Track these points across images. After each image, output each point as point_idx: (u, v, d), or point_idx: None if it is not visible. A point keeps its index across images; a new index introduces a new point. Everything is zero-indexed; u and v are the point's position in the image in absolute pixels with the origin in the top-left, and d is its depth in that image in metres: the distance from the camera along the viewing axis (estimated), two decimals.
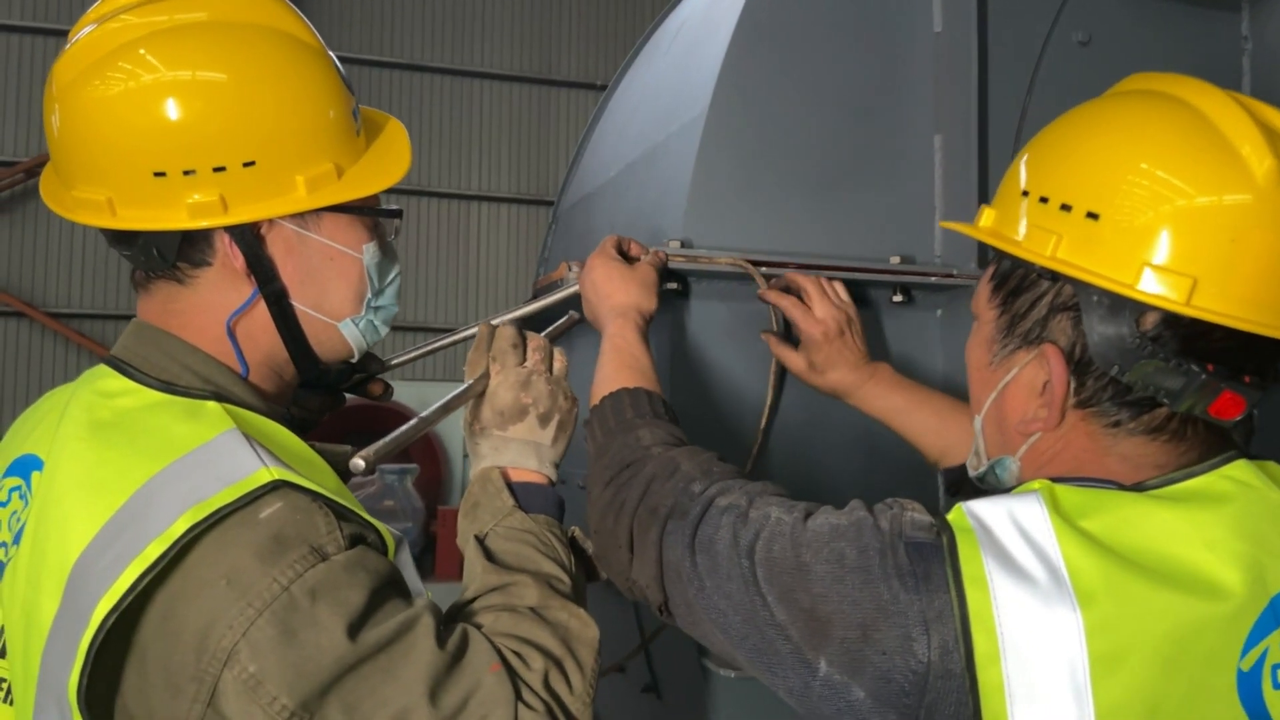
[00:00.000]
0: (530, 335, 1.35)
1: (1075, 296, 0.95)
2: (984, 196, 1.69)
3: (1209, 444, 0.97)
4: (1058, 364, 0.96)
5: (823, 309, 1.54)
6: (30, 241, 9.68)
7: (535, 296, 1.94)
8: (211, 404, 1.05)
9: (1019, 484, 1.01)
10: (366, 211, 1.20)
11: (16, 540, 1.05)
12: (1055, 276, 0.97)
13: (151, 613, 0.93)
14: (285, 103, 1.10)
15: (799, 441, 1.65)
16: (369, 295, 1.21)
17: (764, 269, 1.57)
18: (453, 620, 1.10)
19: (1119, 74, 1.82)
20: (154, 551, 0.92)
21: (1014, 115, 1.75)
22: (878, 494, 1.02)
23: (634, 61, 2.42)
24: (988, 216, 1.06)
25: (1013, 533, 0.89)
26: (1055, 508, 0.90)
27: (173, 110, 1.04)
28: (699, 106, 1.66)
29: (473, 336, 1.39)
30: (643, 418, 1.26)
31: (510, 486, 1.25)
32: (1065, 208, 0.96)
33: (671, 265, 1.54)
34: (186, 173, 1.06)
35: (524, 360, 1.32)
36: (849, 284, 1.62)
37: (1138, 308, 0.91)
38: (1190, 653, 0.85)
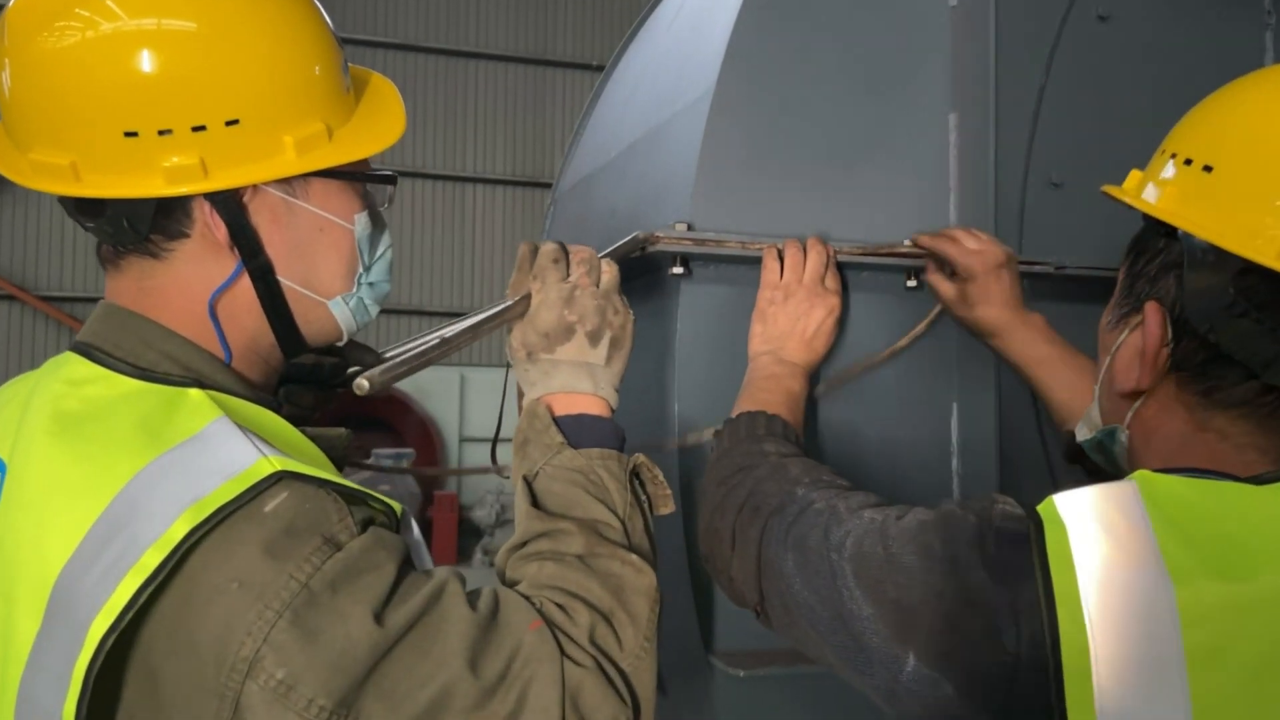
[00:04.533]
0: (575, 248, 1.23)
1: (1184, 253, 0.94)
2: (999, 176, 1.63)
3: None
4: (1154, 319, 0.96)
5: (978, 242, 1.50)
6: (20, 223, 9.59)
7: None
8: (194, 391, 0.97)
9: (1128, 458, 1.01)
10: (360, 177, 1.11)
11: None
12: (1171, 234, 0.96)
13: (155, 628, 0.86)
14: (272, 53, 1.00)
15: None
16: (360, 270, 1.13)
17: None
18: (502, 568, 1.07)
19: (1139, 50, 1.78)
20: (152, 560, 0.84)
21: (1032, 93, 1.69)
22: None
23: (633, 40, 2.35)
24: (1133, 178, 1.06)
25: (1104, 522, 0.85)
26: (1153, 497, 0.86)
27: (145, 61, 0.94)
28: (705, 84, 1.59)
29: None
30: (774, 437, 1.27)
31: (557, 421, 1.15)
32: (1188, 162, 0.96)
33: (678, 249, 1.48)
34: (162, 132, 0.96)
35: (567, 275, 1.20)
36: (857, 268, 1.57)
37: (1235, 263, 0.89)
38: None
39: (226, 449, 0.92)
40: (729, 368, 1.55)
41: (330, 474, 0.95)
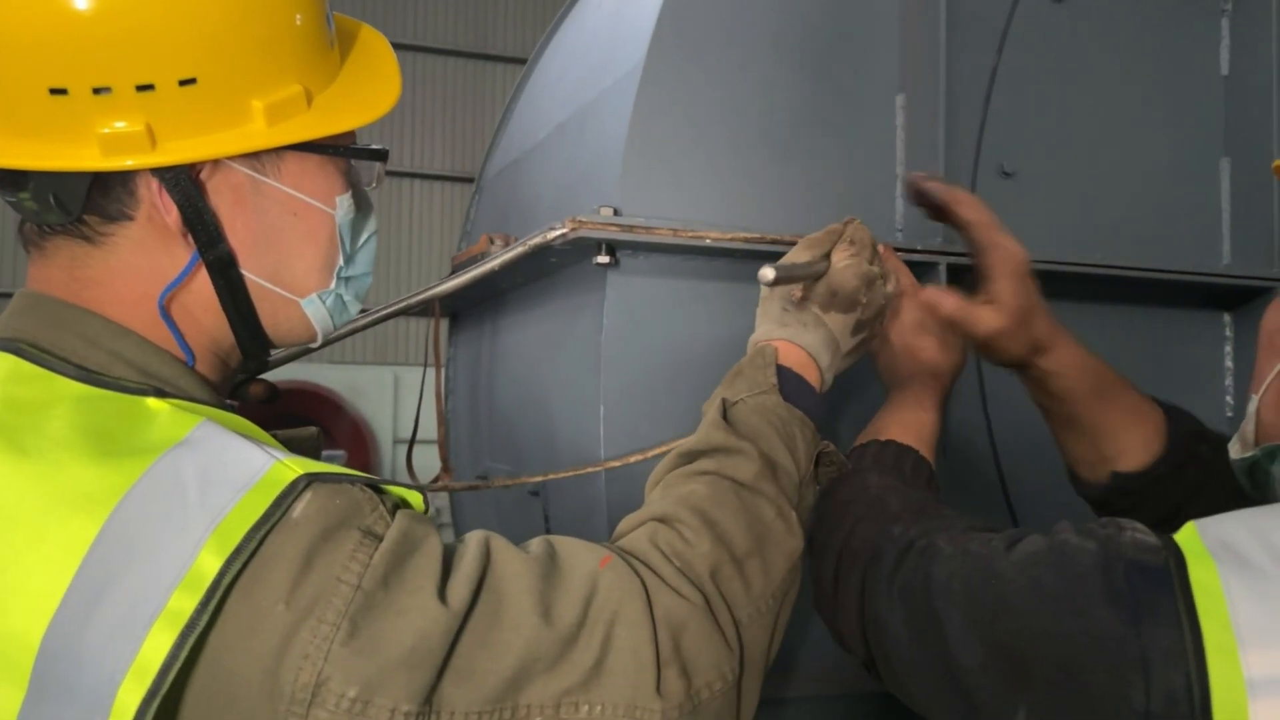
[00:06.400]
0: (892, 257, 1.27)
1: None
2: (948, 163, 1.52)
3: None
4: None
5: (1007, 238, 1.20)
6: None
7: (454, 272, 1.75)
8: (151, 400, 0.81)
9: None
10: (345, 152, 0.94)
11: None
12: None
13: (191, 679, 0.72)
14: None
15: None
16: (340, 262, 0.95)
17: (709, 241, 1.39)
18: (662, 474, 1.03)
19: (1094, 32, 1.69)
20: (184, 603, 0.70)
21: (983, 75, 1.59)
22: None
23: (564, 19, 2.22)
24: None
25: (1265, 556, 0.70)
26: None
27: None
28: (634, 59, 1.46)
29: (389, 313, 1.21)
30: (882, 468, 1.13)
31: (780, 368, 1.11)
32: None
33: (603, 236, 1.35)
34: (98, 91, 0.78)
35: (874, 263, 1.20)
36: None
37: None
38: None
39: (231, 454, 0.77)
40: (662, 369, 1.42)
41: (345, 470, 0.81)
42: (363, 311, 1.33)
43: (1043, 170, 1.63)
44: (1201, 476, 1.20)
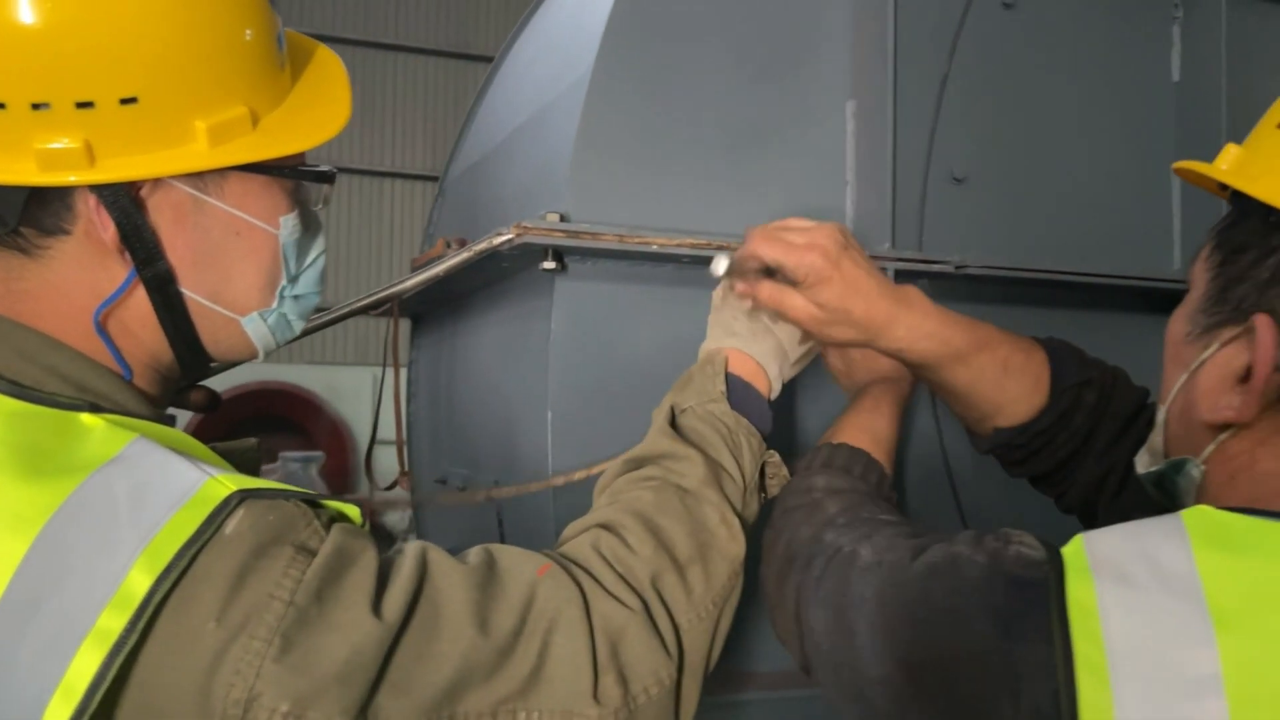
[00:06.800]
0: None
1: None
2: (899, 169, 1.53)
3: None
4: (1267, 337, 0.76)
5: (799, 235, 1.12)
6: None
7: (413, 273, 1.74)
8: (85, 416, 0.80)
9: (1198, 496, 0.83)
10: (290, 173, 0.94)
11: None
12: None
13: (120, 699, 0.71)
14: (185, 13, 0.81)
15: None
16: (283, 281, 0.96)
17: (656, 247, 1.39)
18: (608, 481, 1.04)
19: (1046, 38, 1.70)
20: (112, 623, 0.69)
21: (934, 82, 1.59)
22: None
23: (530, 19, 2.21)
24: (1229, 155, 0.86)
25: (1144, 571, 0.69)
26: (1208, 538, 0.69)
27: (15, 9, 0.75)
28: (584, 66, 1.47)
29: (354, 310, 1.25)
30: (831, 471, 1.11)
31: (728, 377, 1.13)
32: None
33: (549, 242, 1.35)
34: (36, 106, 0.78)
35: None
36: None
37: None
38: None
39: (161, 473, 0.77)
40: (611, 374, 1.42)
41: (279, 485, 0.82)
42: (322, 310, 1.33)
43: (994, 176, 1.64)
44: (1090, 422, 1.19)
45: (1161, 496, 0.90)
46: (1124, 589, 0.69)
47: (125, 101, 0.80)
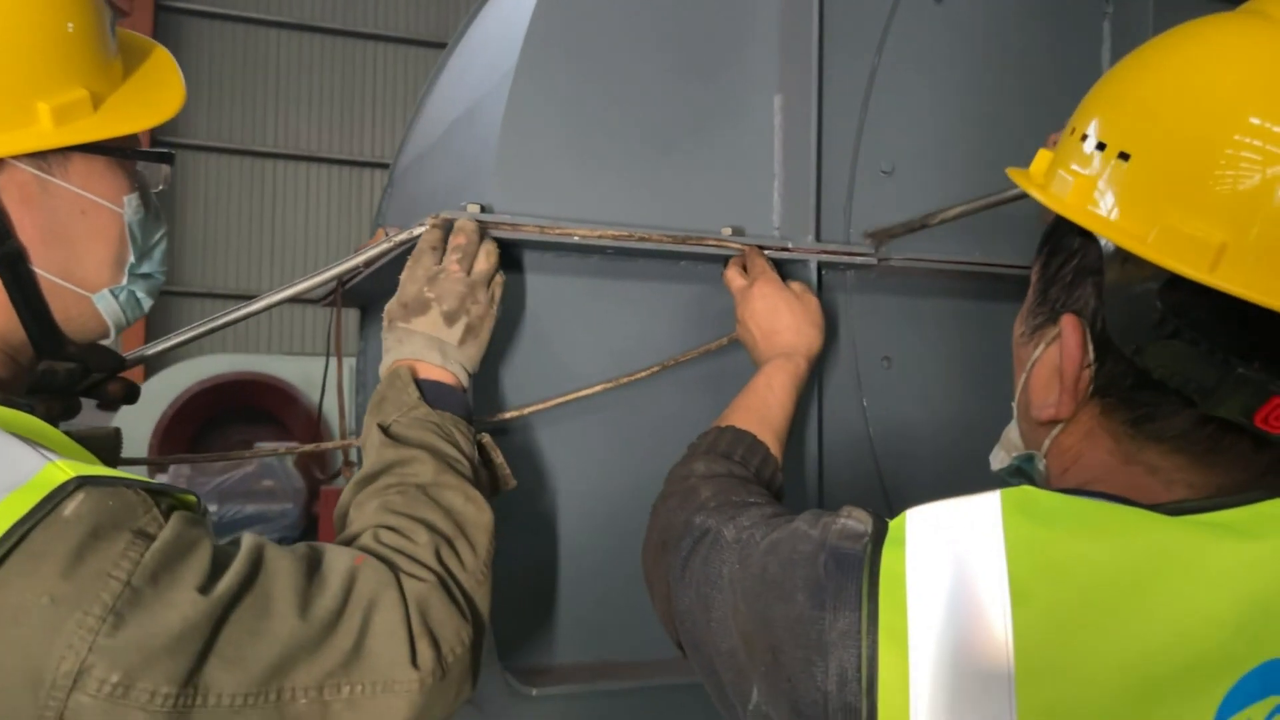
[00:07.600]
0: (456, 234, 1.31)
1: (1101, 257, 0.78)
2: (826, 162, 1.55)
3: (1257, 467, 0.76)
4: (1071, 336, 0.80)
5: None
6: None
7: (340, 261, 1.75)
8: None
9: (1046, 486, 0.85)
10: (130, 154, 0.99)
11: None
12: (1084, 232, 0.80)
13: None
14: (12, 3, 0.87)
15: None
16: (131, 259, 1.01)
17: (578, 238, 1.40)
18: (347, 503, 1.10)
19: (975, 35, 1.72)
20: None
21: (863, 76, 1.61)
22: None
23: (479, 11, 2.22)
24: (1041, 160, 0.89)
25: (955, 542, 0.71)
26: (1022, 511, 0.72)
27: None
28: (511, 58, 1.48)
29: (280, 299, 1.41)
30: (711, 455, 1.18)
31: (418, 383, 1.21)
32: (1100, 146, 0.78)
33: (496, 234, 1.36)
34: None
35: (440, 260, 1.29)
36: (673, 257, 1.47)
37: (1162, 273, 0.73)
38: (1150, 712, 0.66)
39: (2, 456, 0.79)
40: (534, 363, 1.44)
41: (121, 474, 0.85)
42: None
43: (922, 169, 1.65)
44: None
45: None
46: (932, 558, 0.71)
47: None
